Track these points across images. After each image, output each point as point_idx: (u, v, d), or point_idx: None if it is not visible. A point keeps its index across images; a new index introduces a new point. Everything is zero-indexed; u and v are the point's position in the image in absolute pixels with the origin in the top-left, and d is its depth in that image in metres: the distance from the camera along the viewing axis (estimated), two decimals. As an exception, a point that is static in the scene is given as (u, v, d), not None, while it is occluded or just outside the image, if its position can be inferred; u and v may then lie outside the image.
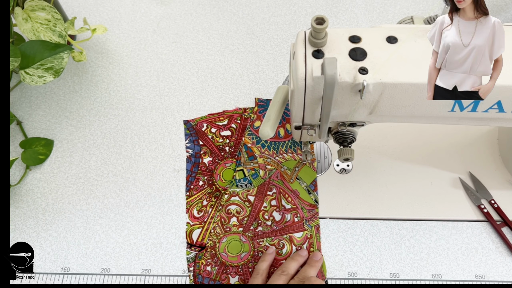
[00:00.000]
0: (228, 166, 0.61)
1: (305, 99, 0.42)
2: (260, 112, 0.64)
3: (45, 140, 0.63)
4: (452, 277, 0.54)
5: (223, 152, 0.62)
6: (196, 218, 0.58)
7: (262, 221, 0.57)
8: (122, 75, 0.70)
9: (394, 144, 0.63)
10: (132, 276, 0.55)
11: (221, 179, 0.60)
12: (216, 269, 0.55)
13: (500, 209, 0.57)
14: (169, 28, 0.75)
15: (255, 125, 0.63)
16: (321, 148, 0.63)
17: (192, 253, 0.56)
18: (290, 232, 0.57)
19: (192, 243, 0.57)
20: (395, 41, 0.41)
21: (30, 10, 0.57)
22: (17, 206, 0.60)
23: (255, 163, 0.60)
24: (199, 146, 0.63)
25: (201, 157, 0.62)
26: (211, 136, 0.63)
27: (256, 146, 0.61)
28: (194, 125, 0.65)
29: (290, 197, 0.59)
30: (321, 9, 0.77)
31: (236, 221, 0.57)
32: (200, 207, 0.59)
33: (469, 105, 0.42)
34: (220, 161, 0.62)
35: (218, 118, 0.65)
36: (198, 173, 0.61)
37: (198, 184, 0.60)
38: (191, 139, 0.64)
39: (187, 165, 0.62)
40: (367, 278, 0.54)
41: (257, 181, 0.59)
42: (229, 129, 0.64)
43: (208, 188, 0.60)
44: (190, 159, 0.62)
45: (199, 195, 0.60)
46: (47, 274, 0.55)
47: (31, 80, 0.56)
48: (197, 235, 0.57)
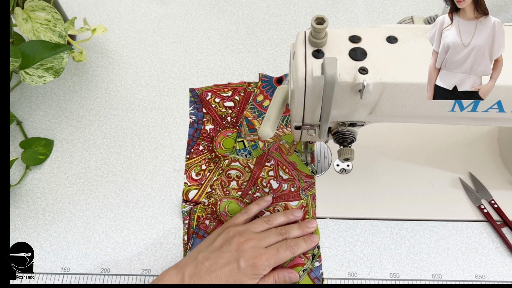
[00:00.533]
0: (229, 136, 0.63)
1: (305, 99, 0.42)
2: (263, 87, 0.67)
3: (45, 140, 0.63)
4: (452, 277, 0.54)
5: (224, 121, 0.65)
6: (194, 180, 0.61)
7: (260, 187, 0.59)
8: (122, 75, 0.70)
9: (394, 144, 0.63)
10: (132, 276, 0.55)
11: (221, 147, 0.63)
12: (214, 225, 0.57)
13: (500, 209, 0.57)
14: (169, 28, 0.75)
15: (258, 100, 0.65)
16: (321, 148, 0.63)
17: (187, 207, 0.58)
18: (286, 200, 0.59)
19: (188, 200, 0.59)
20: (395, 41, 0.41)
21: (30, 10, 0.57)
22: (17, 206, 0.60)
23: (255, 135, 0.63)
24: (202, 114, 0.66)
25: (203, 124, 0.65)
26: (215, 106, 0.66)
27: (257, 120, 0.64)
28: (199, 94, 0.67)
29: (287, 169, 0.60)
30: (321, 9, 0.77)
31: (235, 185, 0.59)
32: (198, 170, 0.61)
33: (469, 105, 0.42)
34: (221, 130, 0.64)
35: (223, 89, 0.67)
36: (199, 139, 0.64)
37: (199, 149, 0.63)
38: (195, 106, 0.66)
39: (190, 130, 0.64)
40: (367, 278, 0.54)
41: (256, 152, 0.62)
42: (232, 101, 0.66)
43: (207, 153, 0.62)
44: (193, 125, 0.65)
45: (199, 159, 0.62)
46: (47, 274, 0.55)
47: (31, 80, 0.56)
48: (193, 194, 0.60)
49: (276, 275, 0.50)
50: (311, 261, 0.54)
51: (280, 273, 0.50)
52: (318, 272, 0.54)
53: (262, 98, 0.66)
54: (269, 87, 0.67)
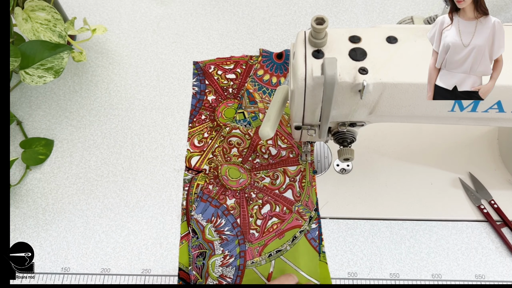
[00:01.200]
0: (230, 106, 0.66)
1: (305, 99, 0.42)
2: (264, 62, 0.69)
3: (45, 140, 0.63)
4: (452, 277, 0.54)
5: (226, 92, 0.67)
6: (197, 147, 0.63)
7: (259, 153, 0.61)
8: (122, 75, 0.70)
9: (394, 144, 0.63)
10: (132, 276, 0.55)
11: (222, 116, 0.65)
12: (217, 189, 0.59)
13: (500, 210, 0.57)
14: (169, 28, 0.75)
15: (258, 74, 0.68)
16: (321, 148, 0.63)
17: (189, 175, 0.61)
18: (284, 165, 0.61)
19: (190, 167, 0.61)
20: (395, 41, 0.41)
21: (30, 10, 0.57)
22: (17, 206, 0.60)
23: (255, 107, 0.65)
24: (204, 85, 0.68)
25: (205, 95, 0.67)
26: (217, 78, 0.68)
27: (257, 92, 0.66)
28: (203, 66, 0.70)
29: (286, 139, 0.63)
30: (321, 9, 0.77)
31: (236, 152, 0.62)
32: (201, 137, 0.64)
33: (469, 105, 0.42)
34: (222, 100, 0.67)
35: (225, 62, 0.70)
36: (201, 108, 0.66)
37: (201, 118, 0.66)
38: (198, 78, 0.69)
39: (192, 101, 0.67)
40: (367, 278, 0.54)
41: (256, 122, 0.64)
42: (234, 73, 0.69)
43: (209, 122, 0.65)
44: (196, 96, 0.67)
45: (201, 127, 0.65)
46: (47, 274, 0.55)
47: (31, 80, 0.56)
48: (196, 161, 0.62)
49: None
50: (308, 223, 0.56)
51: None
52: (314, 233, 0.56)
53: (262, 73, 0.68)
54: (269, 62, 0.69)
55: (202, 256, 0.55)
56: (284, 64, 0.69)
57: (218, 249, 0.55)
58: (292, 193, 0.59)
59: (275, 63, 0.69)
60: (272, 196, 0.59)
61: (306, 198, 0.58)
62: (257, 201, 0.58)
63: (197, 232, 0.56)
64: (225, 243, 0.55)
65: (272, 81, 0.67)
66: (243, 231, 0.56)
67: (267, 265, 0.54)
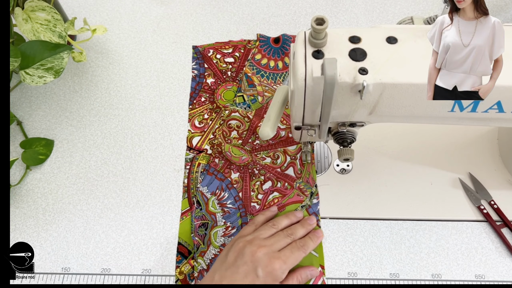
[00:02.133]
0: (229, 88, 0.68)
1: (305, 99, 0.42)
2: (261, 46, 0.71)
3: (45, 140, 0.63)
4: (452, 277, 0.54)
5: (225, 75, 0.69)
6: (197, 127, 0.65)
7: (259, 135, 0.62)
8: (122, 75, 0.70)
9: (394, 144, 0.63)
10: (132, 276, 0.55)
11: (222, 98, 0.67)
12: (223, 163, 0.61)
13: (499, 210, 0.57)
14: (169, 28, 0.75)
15: (256, 58, 0.70)
16: (321, 148, 0.63)
17: (190, 155, 0.63)
18: (284, 146, 0.62)
19: (191, 147, 0.63)
20: (395, 41, 0.41)
21: (30, 10, 0.57)
22: (17, 206, 0.60)
23: (254, 90, 0.67)
24: (204, 68, 0.70)
25: (205, 78, 0.69)
26: (216, 61, 0.70)
27: (256, 76, 0.68)
28: (202, 50, 0.72)
29: (285, 120, 0.64)
30: (321, 9, 0.77)
31: (236, 134, 0.63)
32: (201, 119, 0.65)
33: (469, 105, 0.42)
34: (221, 83, 0.68)
35: (224, 46, 0.72)
36: (201, 91, 0.68)
37: (201, 100, 0.67)
38: (198, 61, 0.71)
39: (192, 84, 0.69)
40: (367, 278, 0.54)
41: (255, 105, 0.65)
42: (232, 57, 0.71)
43: (209, 104, 0.67)
44: (195, 79, 0.69)
45: (201, 109, 0.66)
46: (47, 274, 0.55)
47: (31, 80, 0.56)
48: (197, 141, 0.64)
49: (299, 276, 0.50)
50: (309, 198, 0.58)
51: (303, 273, 0.50)
52: (315, 208, 0.58)
53: (260, 57, 0.70)
54: (267, 46, 0.71)
55: (204, 226, 0.57)
56: (282, 48, 0.71)
57: (220, 221, 0.57)
58: (293, 170, 0.61)
59: (272, 47, 0.71)
60: (274, 174, 0.60)
61: (307, 175, 0.60)
62: (259, 177, 0.60)
63: (201, 203, 0.58)
64: (227, 216, 0.57)
65: (270, 65, 0.69)
66: (245, 204, 0.58)
67: None
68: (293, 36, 0.72)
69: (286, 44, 0.70)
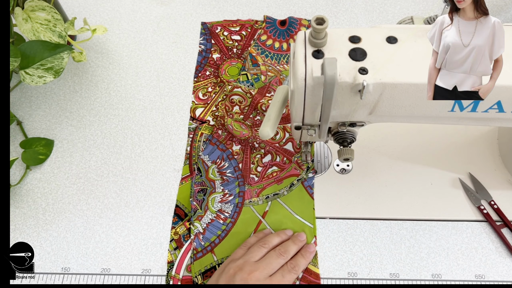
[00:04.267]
0: (234, 64, 0.70)
1: (305, 99, 0.42)
2: (267, 28, 0.73)
3: (45, 140, 0.63)
4: (452, 277, 0.54)
5: (230, 52, 0.71)
6: (201, 99, 0.67)
7: (260, 111, 0.65)
8: (122, 75, 0.70)
9: (394, 144, 0.63)
10: (132, 276, 0.55)
11: (226, 73, 0.69)
12: (225, 135, 0.63)
13: (500, 211, 0.57)
14: (169, 28, 0.75)
15: (262, 39, 0.72)
16: (321, 148, 0.63)
17: (193, 124, 0.65)
18: (284, 123, 0.64)
19: (195, 117, 0.66)
20: (395, 41, 0.41)
21: (30, 10, 0.57)
22: (17, 206, 0.60)
23: (257, 69, 0.68)
24: (210, 44, 0.72)
25: (211, 53, 0.72)
26: (223, 38, 0.73)
27: (260, 56, 0.70)
28: (210, 27, 0.74)
29: None
30: (321, 9, 0.77)
31: (238, 109, 0.65)
32: (205, 91, 0.68)
33: (469, 105, 0.42)
34: (227, 59, 0.71)
35: (232, 24, 0.74)
36: (206, 65, 0.70)
37: (205, 74, 0.69)
38: (205, 37, 0.73)
39: (198, 58, 0.71)
40: (367, 278, 0.54)
41: (258, 84, 0.67)
42: (239, 35, 0.73)
43: (213, 78, 0.69)
44: (201, 53, 0.71)
45: (205, 82, 0.69)
46: (47, 274, 0.55)
47: (31, 80, 0.56)
48: (200, 112, 0.66)
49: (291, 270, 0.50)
50: (305, 172, 0.60)
51: (296, 267, 0.51)
52: (310, 182, 0.59)
53: (265, 38, 0.72)
54: (273, 28, 0.73)
55: (203, 192, 0.59)
56: (287, 30, 0.73)
57: (219, 187, 0.59)
58: (292, 145, 0.62)
59: (278, 29, 0.73)
60: (273, 147, 0.62)
61: None
62: (260, 151, 0.62)
63: (201, 170, 0.60)
64: (225, 183, 0.59)
65: (275, 46, 0.71)
66: (244, 175, 0.60)
67: (264, 205, 0.58)
68: (299, 19, 0.74)
69: (292, 26, 0.73)
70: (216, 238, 0.55)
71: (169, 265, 0.54)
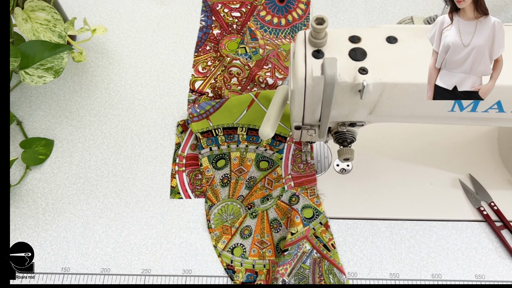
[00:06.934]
0: (233, 40, 0.72)
1: (305, 99, 0.42)
2: (267, 4, 0.76)
3: (45, 140, 0.63)
4: (452, 277, 0.54)
5: (230, 28, 0.74)
6: (200, 72, 0.70)
7: (257, 83, 0.67)
8: (122, 75, 0.70)
9: (394, 144, 0.63)
10: (132, 276, 0.55)
11: (225, 48, 0.71)
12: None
13: (499, 212, 0.57)
14: (169, 28, 0.75)
15: (261, 14, 0.75)
16: (321, 148, 0.63)
17: (193, 96, 0.67)
18: None
19: (194, 90, 0.68)
20: (395, 41, 0.41)
21: (30, 10, 0.57)
22: (17, 206, 0.60)
23: (256, 43, 0.71)
24: (211, 20, 0.75)
25: (211, 29, 0.74)
26: (223, 15, 0.75)
27: (259, 30, 0.73)
28: (211, 4, 0.77)
29: (283, 71, 0.69)
30: (321, 9, 0.77)
31: (236, 81, 0.67)
32: (204, 65, 0.70)
33: (469, 105, 0.42)
34: (227, 34, 0.73)
35: (232, 1, 0.77)
36: (207, 40, 0.73)
37: (206, 48, 0.72)
38: (206, 14, 0.76)
39: (199, 33, 0.74)
40: (367, 278, 0.54)
41: (256, 56, 0.69)
42: (239, 12, 0.76)
43: (213, 53, 0.71)
44: (202, 29, 0.74)
45: (205, 57, 0.71)
46: (47, 274, 0.55)
47: (31, 80, 0.56)
48: (199, 84, 0.68)
49: None
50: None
51: None
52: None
53: (264, 13, 0.75)
54: (272, 4, 0.75)
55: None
56: (286, 6, 0.75)
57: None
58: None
59: (277, 5, 0.75)
60: None
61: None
62: None
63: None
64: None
65: (273, 21, 0.74)
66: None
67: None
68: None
69: (291, 2, 0.75)
70: (211, 108, 0.62)
71: (176, 146, 0.63)
